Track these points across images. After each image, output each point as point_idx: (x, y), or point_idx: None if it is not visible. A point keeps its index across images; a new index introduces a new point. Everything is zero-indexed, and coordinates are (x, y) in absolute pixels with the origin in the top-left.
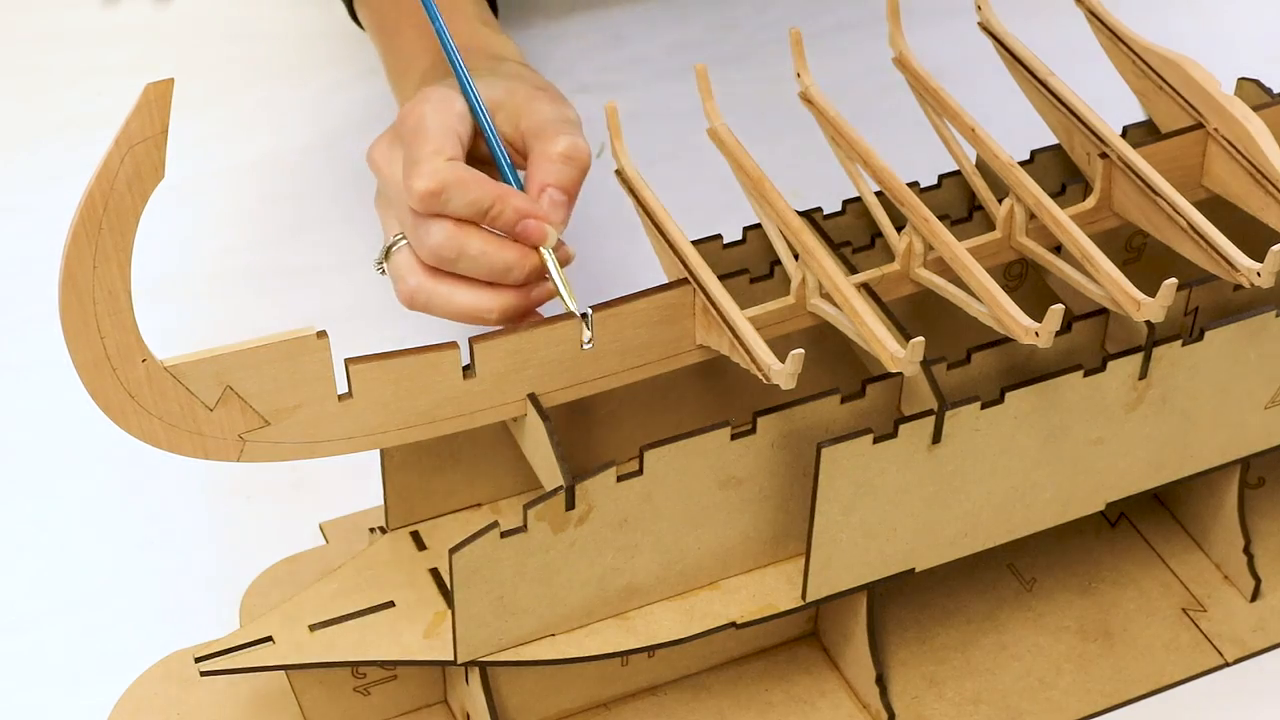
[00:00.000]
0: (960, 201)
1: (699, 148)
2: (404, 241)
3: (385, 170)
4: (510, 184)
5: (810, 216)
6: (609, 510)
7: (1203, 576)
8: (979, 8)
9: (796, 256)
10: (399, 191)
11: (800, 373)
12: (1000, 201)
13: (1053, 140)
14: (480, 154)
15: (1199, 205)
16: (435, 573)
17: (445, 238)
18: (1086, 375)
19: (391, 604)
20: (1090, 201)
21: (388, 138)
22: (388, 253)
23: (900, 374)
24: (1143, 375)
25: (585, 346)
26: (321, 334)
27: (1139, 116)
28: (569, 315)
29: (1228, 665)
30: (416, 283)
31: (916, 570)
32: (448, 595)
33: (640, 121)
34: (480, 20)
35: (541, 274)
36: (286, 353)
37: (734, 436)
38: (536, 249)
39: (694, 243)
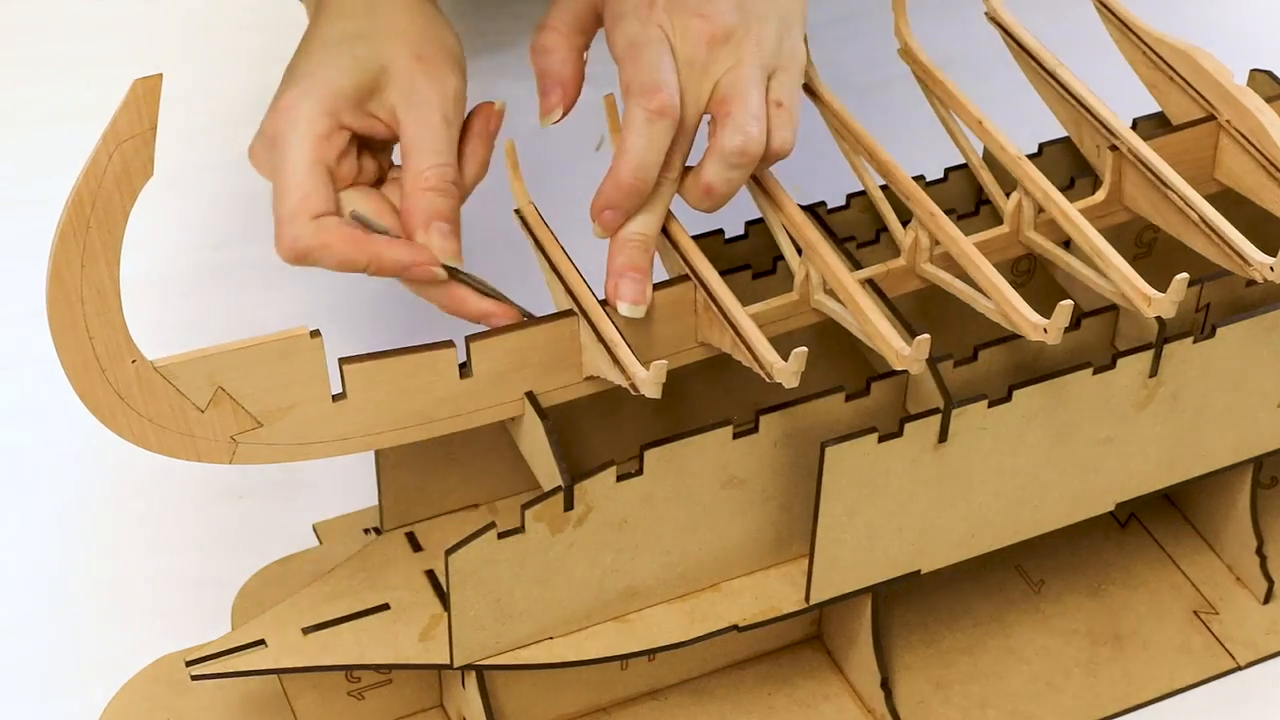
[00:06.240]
0: (967, 195)
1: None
2: None
3: (269, 177)
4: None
5: (814, 211)
6: (608, 511)
7: (1214, 578)
8: None
9: (800, 252)
10: None
11: (803, 370)
12: (1008, 195)
13: (1061, 133)
14: (371, 132)
15: (1211, 199)
16: (431, 574)
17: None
18: (1096, 373)
19: (386, 606)
20: (1100, 195)
21: (261, 142)
22: None
23: (906, 372)
24: (1153, 373)
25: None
26: (315, 333)
27: (1150, 108)
28: (567, 314)
29: (1240, 669)
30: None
31: (922, 572)
32: (444, 597)
33: None
34: None
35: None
36: (279, 353)
37: (736, 435)
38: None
39: (695, 238)
